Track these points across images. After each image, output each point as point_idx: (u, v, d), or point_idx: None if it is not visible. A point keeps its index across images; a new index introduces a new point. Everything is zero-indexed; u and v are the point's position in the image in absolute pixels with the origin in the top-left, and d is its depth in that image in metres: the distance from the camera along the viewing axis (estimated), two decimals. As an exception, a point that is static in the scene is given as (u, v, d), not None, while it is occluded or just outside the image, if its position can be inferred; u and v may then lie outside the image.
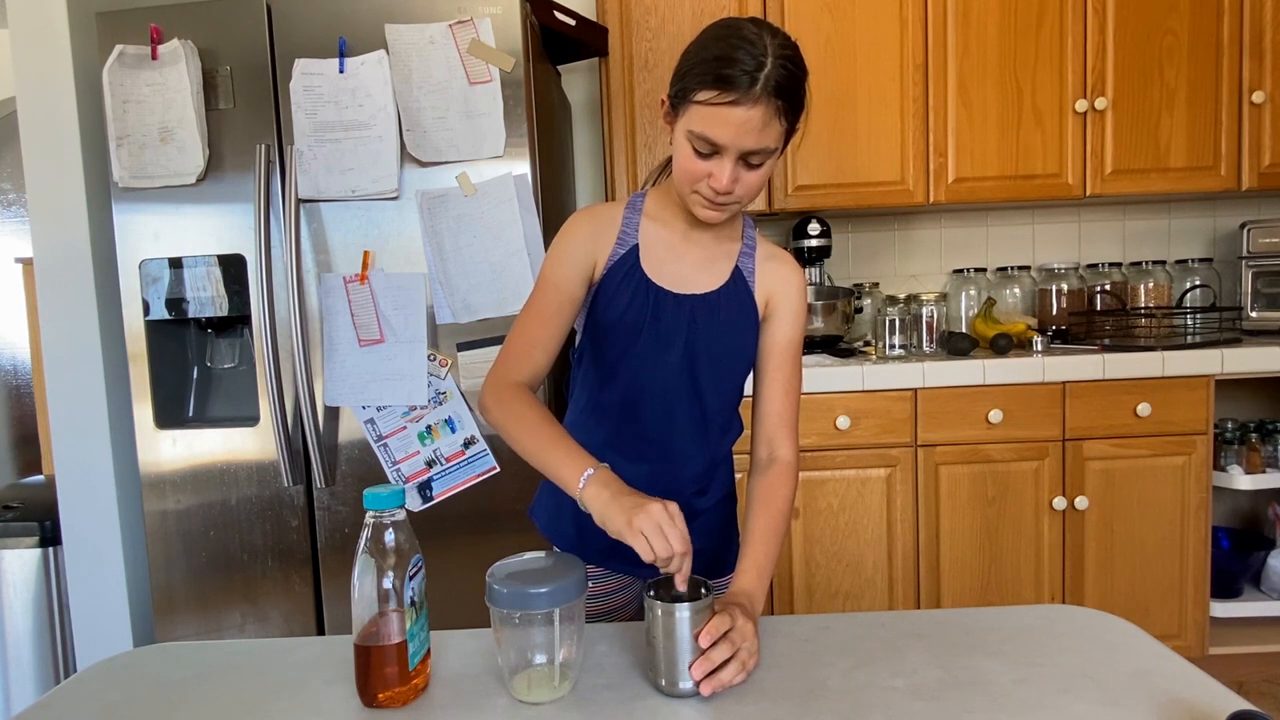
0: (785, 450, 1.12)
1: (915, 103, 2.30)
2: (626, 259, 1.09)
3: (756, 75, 0.92)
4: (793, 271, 1.15)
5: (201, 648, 1.01)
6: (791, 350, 1.14)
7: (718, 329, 1.09)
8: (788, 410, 1.13)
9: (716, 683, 0.83)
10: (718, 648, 0.83)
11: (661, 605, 0.83)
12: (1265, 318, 2.44)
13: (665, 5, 2.28)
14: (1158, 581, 2.15)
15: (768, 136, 0.96)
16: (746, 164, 0.98)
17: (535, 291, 1.09)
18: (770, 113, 0.94)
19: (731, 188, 0.98)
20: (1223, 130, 2.31)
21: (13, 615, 2.01)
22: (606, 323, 1.09)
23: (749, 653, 0.86)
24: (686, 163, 1.00)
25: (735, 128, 0.94)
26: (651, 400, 1.11)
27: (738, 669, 0.84)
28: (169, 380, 1.88)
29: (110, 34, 1.73)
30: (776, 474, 1.10)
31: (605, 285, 1.09)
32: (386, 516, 0.83)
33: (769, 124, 0.95)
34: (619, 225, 1.11)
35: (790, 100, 0.95)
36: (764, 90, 0.92)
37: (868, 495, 2.12)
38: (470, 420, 1.77)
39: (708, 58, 0.96)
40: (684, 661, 0.83)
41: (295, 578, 1.82)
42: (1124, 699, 0.80)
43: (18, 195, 3.12)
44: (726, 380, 1.13)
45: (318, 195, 1.74)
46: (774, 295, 1.13)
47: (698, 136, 0.97)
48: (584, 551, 1.13)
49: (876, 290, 2.56)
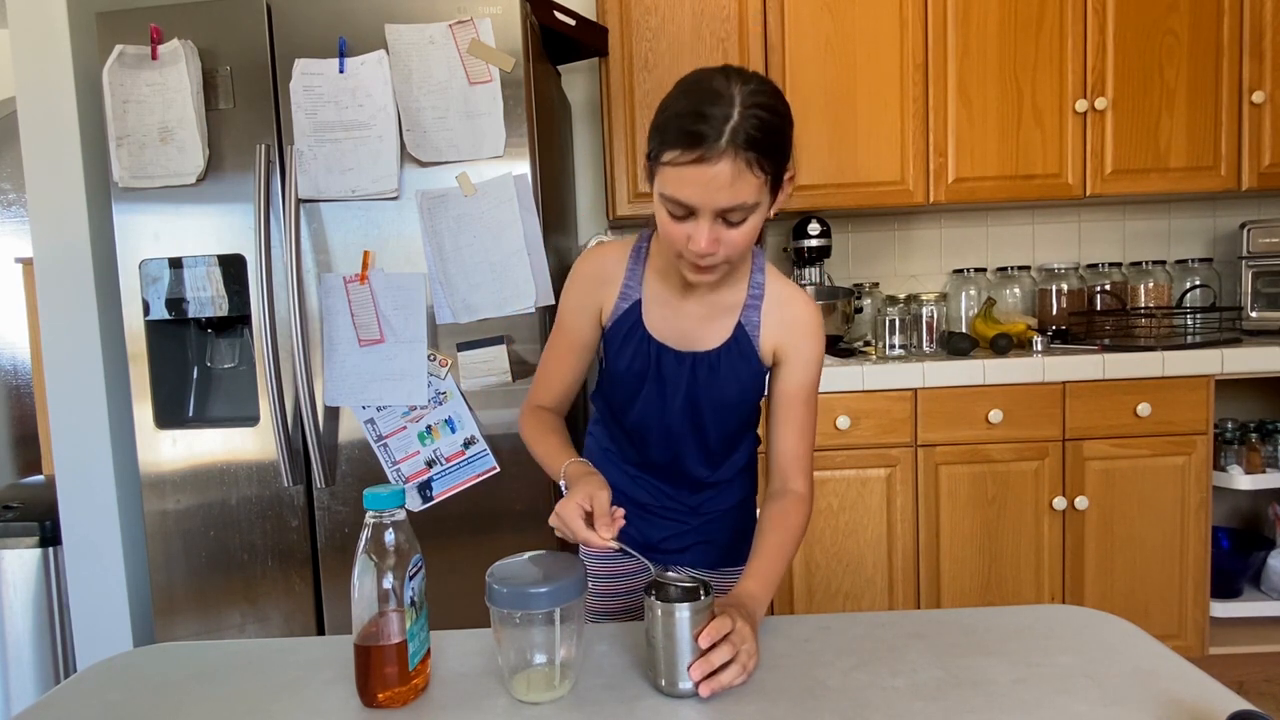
0: (799, 484, 1.11)
1: (915, 103, 2.30)
2: (630, 313, 1.11)
3: (722, 128, 0.87)
4: (804, 317, 1.10)
5: (201, 648, 1.01)
6: (803, 395, 1.11)
7: (718, 383, 1.11)
8: (801, 450, 1.12)
9: (716, 684, 0.83)
10: (718, 650, 0.83)
11: (661, 605, 0.84)
12: (1265, 318, 2.44)
13: (665, 5, 2.28)
14: (1158, 581, 2.15)
15: (742, 191, 0.89)
16: (726, 222, 0.93)
17: (554, 330, 1.18)
18: (740, 166, 0.88)
19: (713, 249, 0.93)
20: (1223, 130, 2.31)
21: (13, 615, 2.01)
22: (613, 371, 1.15)
23: (749, 655, 0.86)
24: (665, 227, 0.96)
25: (703, 187, 0.89)
26: (658, 436, 1.17)
27: (738, 671, 0.84)
28: (169, 380, 1.88)
29: (110, 34, 1.73)
30: (791, 502, 1.10)
31: (611, 336, 1.13)
32: (386, 516, 0.83)
33: (740, 178, 0.88)
34: (623, 277, 1.12)
35: (764, 150, 0.89)
36: (730, 143, 0.87)
37: (868, 495, 2.12)
38: (470, 420, 1.77)
39: (673, 115, 0.91)
40: (683, 662, 0.83)
41: (295, 578, 1.82)
42: (1124, 699, 0.80)
43: (18, 195, 3.12)
44: (730, 420, 1.16)
45: (318, 195, 1.74)
46: (783, 346, 1.10)
47: (668, 199, 0.92)
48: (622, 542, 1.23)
49: (876, 290, 2.56)
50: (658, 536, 1.23)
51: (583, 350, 1.17)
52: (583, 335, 1.15)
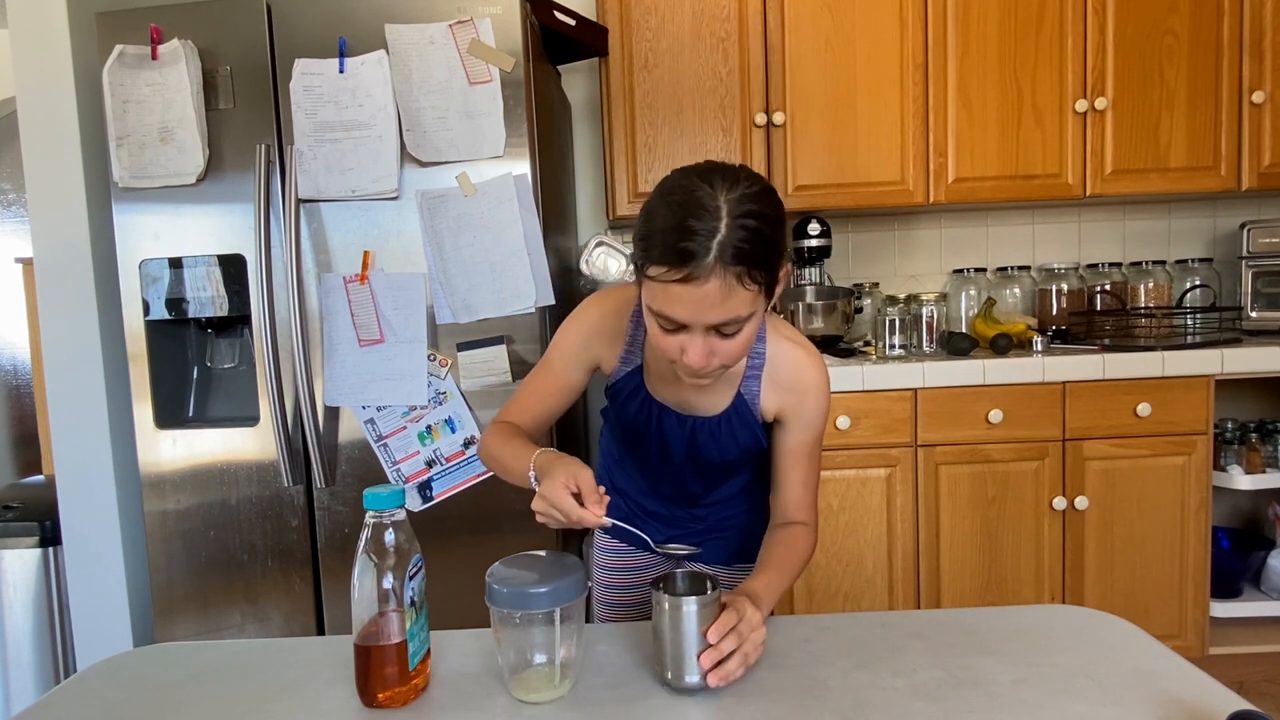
0: (805, 518, 1.11)
1: (915, 103, 2.30)
2: (633, 376, 1.11)
3: (709, 244, 0.82)
4: (807, 376, 1.06)
5: (201, 648, 1.01)
6: (806, 450, 1.09)
7: (718, 444, 1.11)
8: (806, 498, 1.11)
9: (723, 673, 0.83)
10: (727, 639, 0.84)
11: (669, 599, 0.84)
12: (1265, 318, 2.44)
13: (665, 5, 2.28)
14: (1158, 581, 2.15)
15: (734, 306, 0.85)
16: (720, 334, 0.89)
17: (541, 365, 1.16)
18: (731, 282, 0.83)
19: (706, 362, 0.90)
20: (1223, 130, 2.31)
21: (13, 615, 2.01)
22: (618, 421, 1.16)
23: (754, 645, 0.86)
24: (657, 339, 0.92)
25: (693, 305, 0.85)
26: (662, 477, 1.21)
27: (741, 661, 0.84)
28: (169, 380, 1.88)
29: (110, 34, 1.73)
30: (798, 529, 1.09)
31: (616, 391, 1.14)
32: (386, 516, 0.83)
33: (731, 294, 0.84)
34: (625, 340, 1.10)
35: (755, 261, 0.84)
36: (718, 260, 0.82)
37: (868, 495, 2.12)
38: (470, 420, 1.77)
39: (658, 229, 0.85)
40: (691, 655, 0.84)
41: (295, 578, 1.82)
42: (1124, 699, 0.80)
43: (18, 195, 3.12)
44: (733, 471, 1.19)
45: (318, 195, 1.74)
46: (784, 409, 1.08)
47: (657, 314, 0.89)
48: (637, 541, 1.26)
49: (876, 290, 2.56)
50: (672, 535, 1.25)
51: (566, 393, 1.15)
52: (569, 379, 1.14)
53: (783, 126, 2.31)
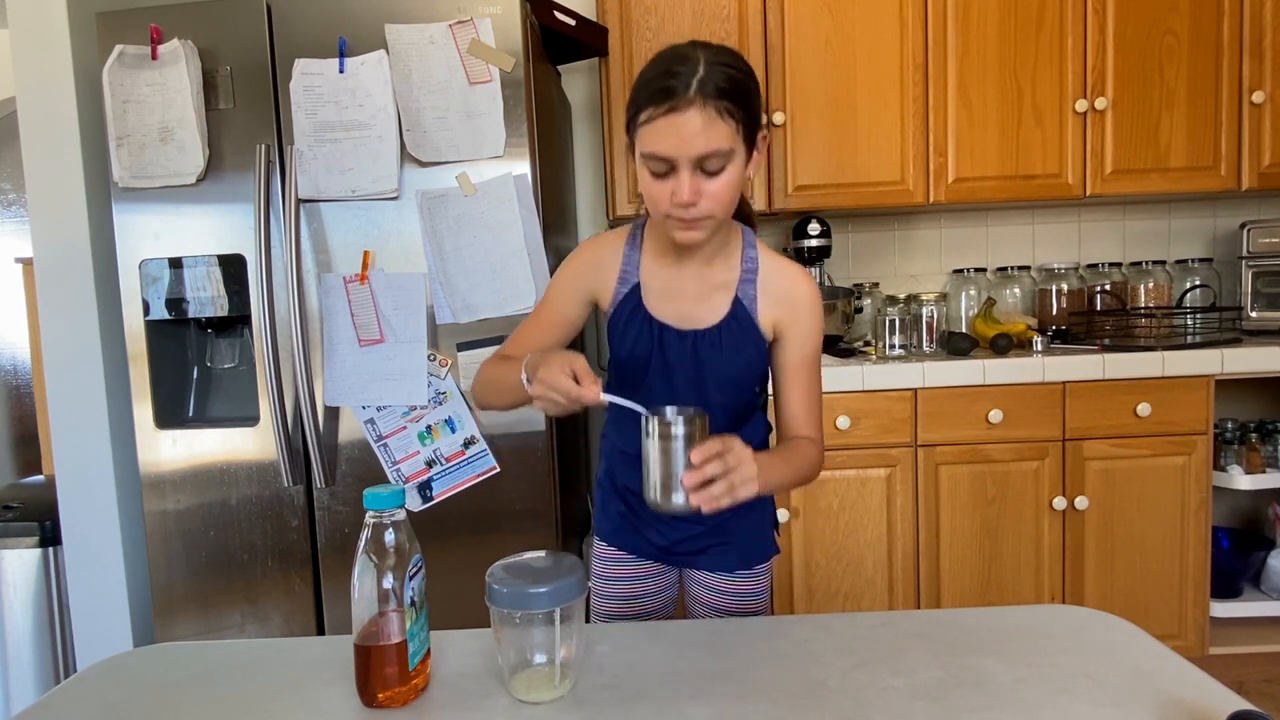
0: (810, 432, 1.15)
1: (915, 103, 2.30)
2: (631, 297, 1.14)
3: (690, 81, 0.93)
4: (799, 291, 1.13)
5: (201, 648, 1.01)
6: (806, 364, 1.14)
7: (721, 359, 1.12)
8: (809, 414, 1.15)
9: (707, 496, 0.87)
10: (710, 464, 0.88)
11: (658, 422, 0.90)
12: (1265, 318, 2.44)
13: (665, 5, 2.28)
14: (1158, 581, 2.15)
15: (715, 137, 0.94)
16: (704, 172, 0.97)
17: (538, 304, 1.21)
18: (711, 113, 0.93)
19: (694, 198, 0.97)
20: (1223, 130, 2.31)
21: (13, 615, 2.01)
22: (619, 357, 1.16)
23: (741, 478, 0.89)
24: (649, 190, 1.00)
25: (678, 136, 0.94)
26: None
27: (726, 488, 0.88)
28: (169, 380, 1.88)
29: (110, 34, 1.73)
30: (804, 440, 1.13)
31: (614, 322, 1.15)
32: (386, 516, 0.83)
33: (712, 124, 0.94)
34: (621, 262, 1.15)
35: (733, 99, 0.94)
36: (699, 93, 0.92)
37: (868, 495, 2.12)
38: (470, 420, 1.77)
39: (644, 81, 0.97)
40: (678, 477, 0.88)
41: (295, 578, 1.82)
42: (1124, 699, 0.80)
43: (18, 195, 3.12)
44: (737, 396, 1.17)
45: (318, 195, 1.74)
46: (781, 320, 1.13)
47: (648, 156, 0.97)
48: (639, 547, 1.24)
49: (876, 290, 2.56)
50: (674, 538, 1.22)
51: (563, 327, 1.18)
52: (566, 313, 1.17)
53: (783, 126, 2.31)
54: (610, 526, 1.27)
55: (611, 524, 1.26)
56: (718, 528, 1.23)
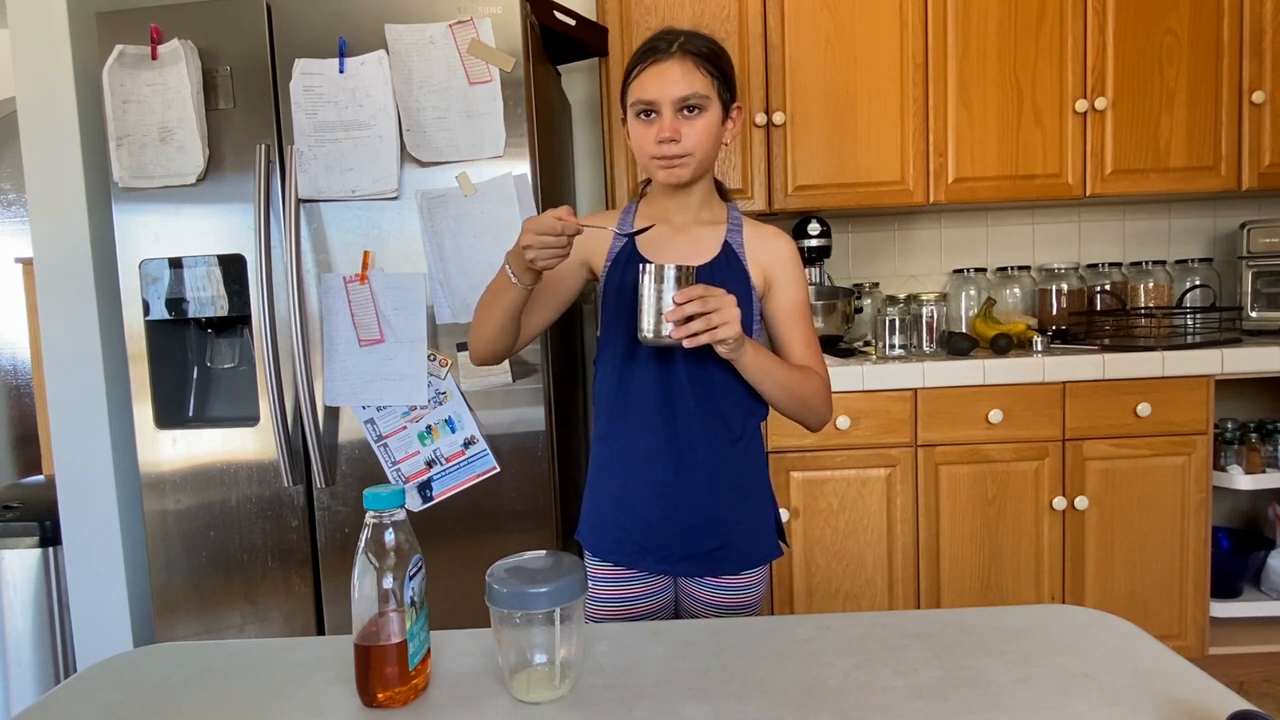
0: (816, 369, 1.22)
1: (915, 103, 2.30)
2: (626, 248, 1.22)
3: (671, 41, 1.12)
4: (783, 241, 1.24)
5: (201, 648, 1.01)
6: (801, 311, 1.23)
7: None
8: (811, 356, 1.22)
9: (688, 331, 1.00)
10: (690, 303, 1.00)
11: (652, 265, 1.03)
12: (1265, 318, 2.44)
13: (665, 5, 2.28)
14: (1158, 581, 2.15)
15: (693, 82, 1.12)
16: (685, 116, 1.12)
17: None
18: (689, 64, 1.12)
19: (675, 135, 1.12)
20: (1223, 130, 2.31)
21: (13, 615, 2.01)
22: (610, 297, 1.21)
23: (721, 319, 1.00)
24: (637, 137, 1.16)
25: (660, 81, 1.11)
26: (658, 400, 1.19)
27: (705, 324, 0.99)
28: (169, 380, 1.88)
29: (110, 34, 1.73)
30: (810, 370, 1.20)
31: (610, 271, 1.21)
32: (386, 516, 0.83)
33: (690, 73, 1.12)
34: (618, 218, 1.28)
35: (709, 60, 1.13)
36: (679, 49, 1.12)
37: (868, 495, 2.12)
38: (470, 420, 1.77)
39: (635, 52, 1.16)
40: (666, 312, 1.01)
41: (295, 578, 1.82)
42: (1124, 699, 0.80)
43: (18, 195, 3.12)
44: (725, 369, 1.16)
45: (318, 195, 1.74)
46: (769, 266, 1.22)
47: (635, 104, 1.14)
48: (623, 556, 1.23)
49: (876, 290, 2.56)
50: (673, 545, 1.21)
51: (555, 287, 1.23)
52: (559, 271, 1.20)
53: (783, 126, 2.31)
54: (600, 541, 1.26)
55: (602, 535, 1.26)
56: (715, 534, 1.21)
